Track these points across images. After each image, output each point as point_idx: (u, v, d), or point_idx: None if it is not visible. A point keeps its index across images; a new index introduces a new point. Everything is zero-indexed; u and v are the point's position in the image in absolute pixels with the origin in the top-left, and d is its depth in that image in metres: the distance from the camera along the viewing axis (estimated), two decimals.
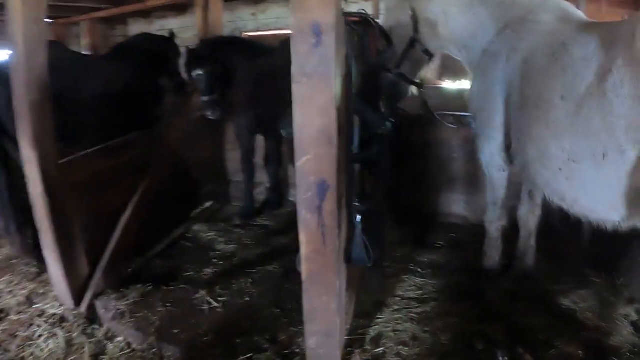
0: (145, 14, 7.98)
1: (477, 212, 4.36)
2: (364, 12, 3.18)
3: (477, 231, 3.49)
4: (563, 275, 3.58)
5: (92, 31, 6.92)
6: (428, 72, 4.03)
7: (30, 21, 2.95)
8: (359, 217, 2.39)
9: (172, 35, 5.35)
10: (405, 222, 4.62)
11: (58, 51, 4.24)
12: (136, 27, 8.10)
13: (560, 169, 2.46)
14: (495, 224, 3.40)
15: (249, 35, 7.51)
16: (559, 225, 3.62)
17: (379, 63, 3.15)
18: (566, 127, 2.35)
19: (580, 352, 2.78)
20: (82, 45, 6.95)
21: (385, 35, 3.32)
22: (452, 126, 4.03)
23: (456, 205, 4.77)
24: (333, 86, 1.98)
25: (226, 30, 6.79)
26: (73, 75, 4.26)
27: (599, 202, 2.40)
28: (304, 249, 2.20)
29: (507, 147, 3.04)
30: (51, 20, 7.02)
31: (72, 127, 4.27)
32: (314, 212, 2.12)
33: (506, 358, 2.71)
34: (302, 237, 2.19)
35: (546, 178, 2.64)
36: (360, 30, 2.83)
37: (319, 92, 2.00)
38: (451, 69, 5.42)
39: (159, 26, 7.78)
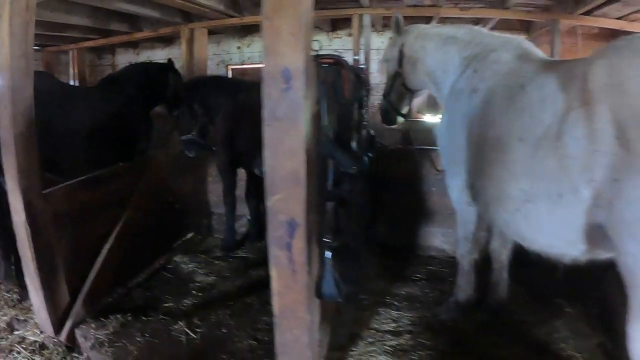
0: (133, 45, 8.17)
1: (454, 244, 4.42)
2: (336, 54, 3.25)
3: (455, 263, 3.57)
4: (537, 306, 3.66)
5: (81, 60, 7.11)
6: (414, 106, 4.15)
7: (17, 55, 3.02)
8: (329, 254, 2.43)
9: (171, 62, 5.51)
10: (384, 255, 4.67)
11: (47, 82, 4.35)
12: (124, 57, 8.28)
13: (518, 210, 2.52)
14: (467, 258, 3.46)
15: (234, 69, 7.73)
16: (532, 256, 3.70)
17: (350, 103, 3.24)
18: (524, 169, 2.42)
19: None
20: (71, 74, 7.11)
21: (357, 75, 3.43)
22: None
23: (434, 238, 4.85)
24: (302, 129, 2.06)
25: (211, 63, 7.02)
26: (61, 106, 4.37)
27: (558, 240, 2.45)
28: (274, 285, 2.25)
29: (470, 186, 3.10)
30: (40, 48, 7.16)
31: (59, 157, 4.34)
32: (284, 249, 2.18)
33: None
34: (273, 273, 2.24)
35: (505, 219, 2.68)
36: (332, 72, 2.92)
37: (288, 135, 2.08)
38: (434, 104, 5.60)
39: (146, 57, 8.01)
